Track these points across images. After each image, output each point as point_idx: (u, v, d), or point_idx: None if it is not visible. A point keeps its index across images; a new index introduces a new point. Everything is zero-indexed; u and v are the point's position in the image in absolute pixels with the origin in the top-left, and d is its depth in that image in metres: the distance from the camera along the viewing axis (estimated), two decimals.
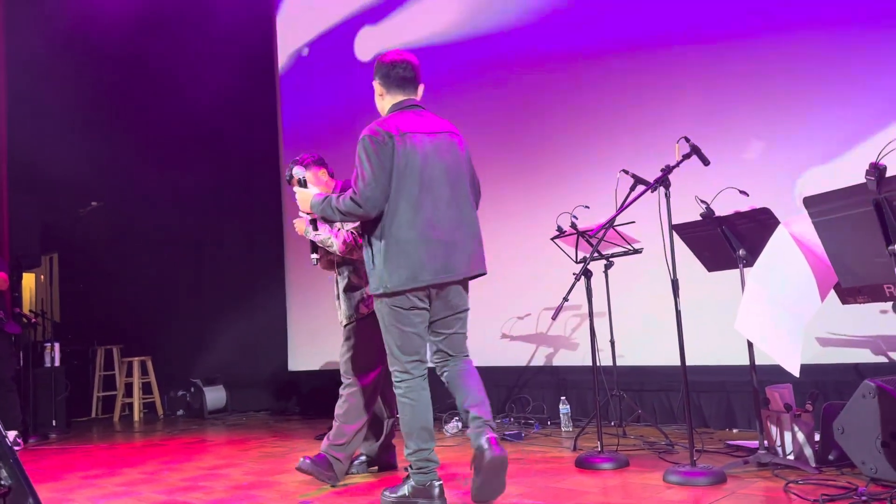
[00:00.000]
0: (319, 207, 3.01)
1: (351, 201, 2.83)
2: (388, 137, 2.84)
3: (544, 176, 5.57)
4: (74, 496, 3.67)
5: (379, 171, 2.81)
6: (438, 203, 2.89)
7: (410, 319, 2.90)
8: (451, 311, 3.00)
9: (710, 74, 4.72)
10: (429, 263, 2.84)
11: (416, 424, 2.91)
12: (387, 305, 2.90)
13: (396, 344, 2.92)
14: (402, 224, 2.83)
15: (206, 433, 6.05)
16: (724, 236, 3.36)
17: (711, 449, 3.82)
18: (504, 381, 5.73)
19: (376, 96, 3.08)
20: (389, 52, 3.09)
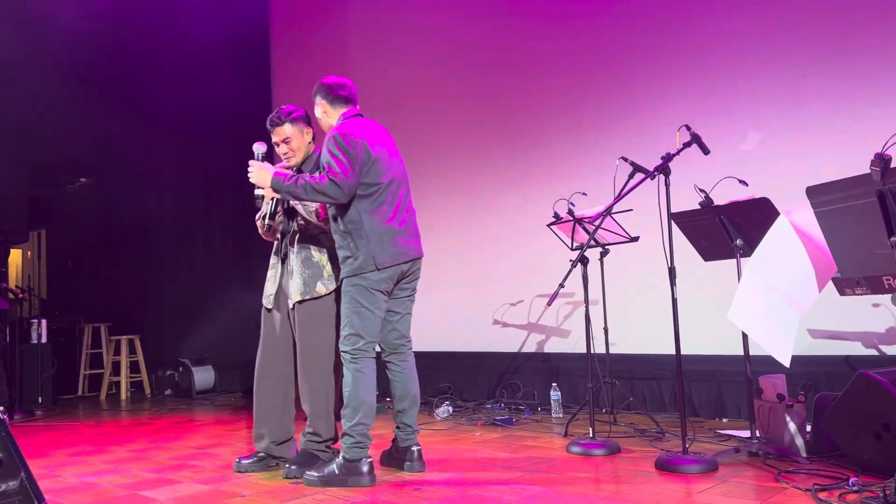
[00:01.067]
0: (285, 184, 3.15)
1: (332, 182, 3.06)
2: (358, 138, 3.17)
3: (541, 162, 5.55)
4: (62, 472, 3.64)
5: (353, 162, 3.12)
6: (398, 195, 3.29)
7: (379, 303, 3.21)
8: (407, 293, 3.38)
9: (709, 62, 4.71)
10: (405, 244, 3.24)
11: (366, 398, 3.14)
12: (362, 287, 3.15)
13: (363, 324, 3.16)
14: (381, 211, 3.19)
15: (195, 413, 6.02)
16: (722, 226, 3.36)
17: (703, 438, 3.83)
18: (495, 368, 5.73)
19: (320, 114, 3.39)
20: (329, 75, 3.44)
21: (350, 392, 3.14)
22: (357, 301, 3.16)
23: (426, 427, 4.64)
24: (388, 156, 3.29)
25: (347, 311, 3.18)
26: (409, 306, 3.42)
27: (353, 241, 3.17)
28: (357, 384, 3.14)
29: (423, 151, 6.15)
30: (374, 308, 3.18)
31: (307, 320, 3.40)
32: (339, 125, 3.26)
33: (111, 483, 3.34)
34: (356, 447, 3.10)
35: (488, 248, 5.85)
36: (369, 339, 3.18)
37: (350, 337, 3.17)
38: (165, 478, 3.42)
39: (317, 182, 3.08)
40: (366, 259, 3.13)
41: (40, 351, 6.70)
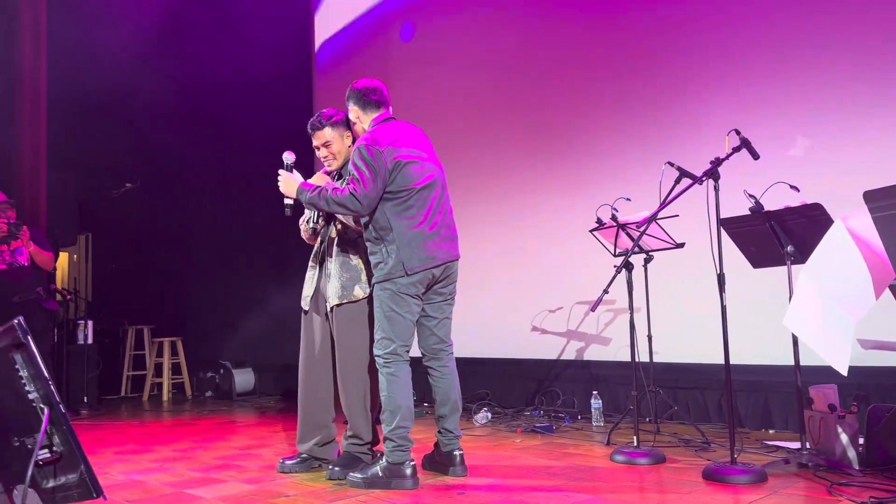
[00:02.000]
0: (308, 195, 3.22)
1: (352, 196, 3.10)
2: (384, 146, 3.16)
3: (583, 167, 5.51)
4: (110, 469, 3.71)
5: (376, 174, 3.12)
6: (431, 198, 3.26)
7: (410, 307, 3.20)
8: (444, 297, 3.35)
9: (758, 65, 4.63)
10: (437, 248, 3.22)
11: (403, 402, 3.14)
12: (392, 292, 3.16)
13: (394, 329, 3.18)
14: (410, 217, 3.18)
15: (236, 414, 6.09)
16: (773, 232, 3.30)
17: (750, 448, 3.76)
18: (534, 374, 5.69)
19: (353, 118, 3.41)
20: (360, 80, 3.43)
21: (386, 396, 3.16)
22: (388, 305, 3.17)
23: (466, 433, 4.62)
24: (421, 159, 3.27)
25: (379, 316, 3.21)
26: (447, 311, 3.40)
27: (384, 247, 3.18)
28: (392, 388, 3.15)
29: (463, 156, 6.15)
30: (405, 312, 3.19)
31: (344, 323, 3.42)
32: (368, 132, 3.27)
33: (158, 481, 3.39)
34: (398, 450, 3.11)
35: (528, 254, 5.82)
36: (401, 343, 3.18)
37: (382, 341, 3.19)
38: (210, 477, 3.45)
39: (338, 195, 3.12)
40: (395, 264, 3.14)
41: (86, 352, 6.83)
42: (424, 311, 3.31)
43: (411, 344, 3.24)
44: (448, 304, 3.39)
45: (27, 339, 1.70)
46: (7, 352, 1.74)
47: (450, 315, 3.41)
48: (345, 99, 3.43)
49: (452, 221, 3.38)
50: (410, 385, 3.21)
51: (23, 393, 1.75)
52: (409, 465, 3.10)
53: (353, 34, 7.45)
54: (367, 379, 3.42)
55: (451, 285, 3.36)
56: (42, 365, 1.73)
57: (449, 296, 3.38)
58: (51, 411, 1.73)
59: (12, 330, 1.72)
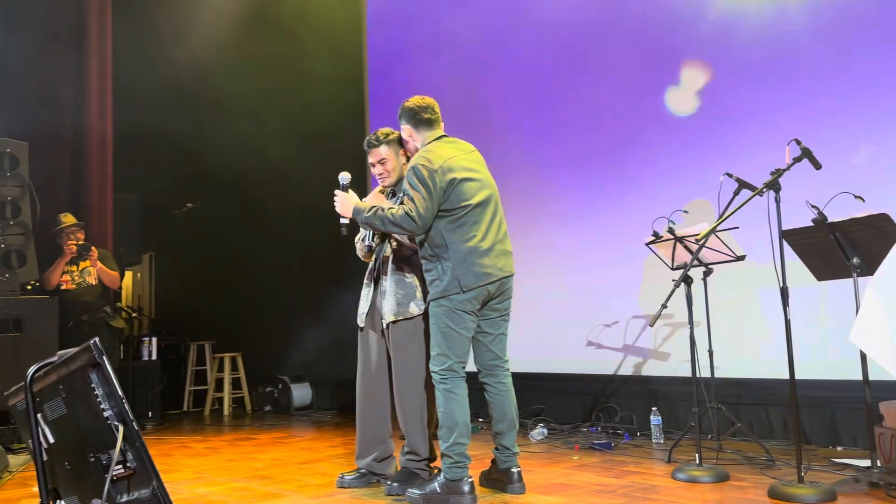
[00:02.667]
0: (365, 215, 3.27)
1: (407, 216, 3.13)
2: (437, 165, 3.19)
3: (639, 179, 5.44)
4: (175, 484, 3.80)
5: (431, 194, 3.14)
6: (485, 215, 3.27)
7: (466, 323, 3.21)
8: (499, 313, 3.35)
9: (818, 72, 4.53)
10: (492, 265, 3.21)
11: (459, 418, 3.15)
12: (447, 308, 3.18)
13: (449, 345, 3.19)
14: (465, 234, 3.19)
15: (294, 429, 6.18)
16: (838, 243, 3.21)
17: (817, 466, 3.65)
18: (590, 390, 5.63)
19: (406, 137, 3.47)
20: (412, 98, 3.46)
21: (443, 413, 3.17)
22: (444, 321, 3.19)
23: (522, 449, 4.59)
24: (474, 177, 3.29)
25: (435, 332, 3.22)
26: (503, 326, 3.40)
27: (439, 264, 3.21)
28: (449, 404, 3.16)
29: (516, 170, 6.15)
30: (461, 328, 3.20)
31: (400, 340, 3.45)
32: (421, 151, 3.30)
33: (222, 495, 3.47)
34: (455, 467, 3.12)
35: (583, 268, 5.77)
36: (457, 360, 3.20)
37: (438, 357, 3.20)
38: (271, 491, 3.51)
39: (393, 215, 3.15)
40: (450, 281, 3.16)
41: (150, 368, 7.02)
42: (480, 328, 3.32)
43: (467, 360, 3.26)
44: (503, 321, 3.39)
45: (102, 359, 1.77)
46: (84, 371, 1.81)
47: (505, 331, 3.42)
48: (397, 117, 3.48)
49: (507, 237, 3.38)
50: (467, 401, 3.22)
51: (98, 410, 1.81)
52: (466, 481, 3.11)
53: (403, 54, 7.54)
54: (423, 395, 3.44)
55: (507, 301, 3.36)
56: (116, 383, 1.80)
57: (504, 312, 3.37)
58: (125, 428, 1.79)
59: (88, 350, 1.79)
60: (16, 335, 5.00)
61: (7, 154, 5.31)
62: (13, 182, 5.31)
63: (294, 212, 8.21)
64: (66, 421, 1.95)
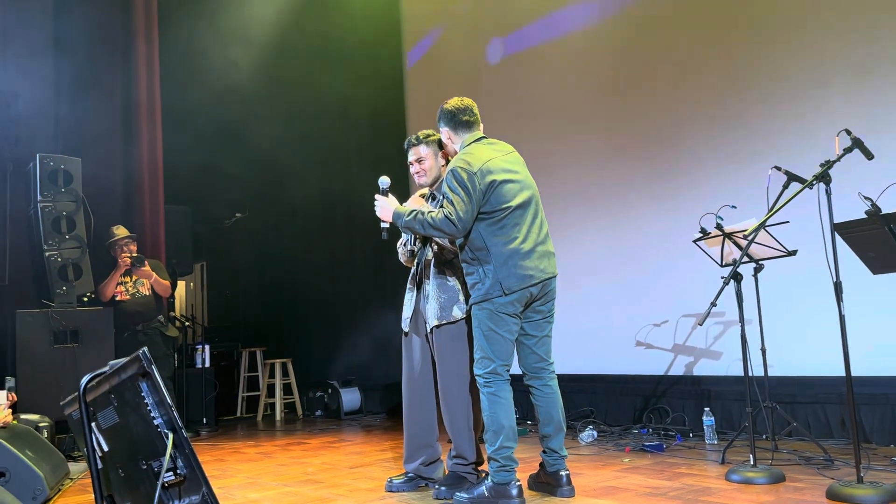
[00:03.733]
0: (405, 219, 3.26)
1: (446, 219, 3.12)
2: (476, 168, 3.17)
3: (686, 174, 5.35)
4: (228, 490, 3.87)
5: (471, 197, 3.13)
6: (526, 216, 3.25)
7: (509, 326, 3.19)
8: (542, 315, 3.32)
9: (868, 61, 4.39)
10: (534, 267, 3.18)
11: (505, 422, 3.13)
12: (489, 311, 3.16)
13: (493, 348, 3.17)
14: (506, 236, 3.17)
15: (344, 433, 6.24)
16: (893, 235, 3.09)
17: (877, 465, 3.53)
18: (640, 391, 5.55)
19: (446, 139, 3.47)
20: (451, 99, 3.44)
21: (488, 416, 3.15)
22: (486, 325, 3.17)
23: (571, 452, 4.55)
24: (514, 178, 3.26)
25: (478, 335, 3.21)
26: (547, 329, 3.36)
27: (480, 267, 3.19)
28: (494, 408, 3.14)
29: (563, 169, 6.12)
30: (504, 331, 3.17)
31: (444, 344, 3.46)
32: (461, 154, 3.29)
33: (273, 500, 3.51)
34: (503, 471, 3.10)
35: (630, 267, 5.70)
36: (501, 363, 3.17)
37: (482, 360, 3.19)
38: (322, 496, 3.55)
39: (433, 219, 3.14)
40: (492, 284, 3.14)
41: (204, 375, 7.17)
42: (524, 330, 3.30)
43: (511, 363, 3.23)
44: (547, 323, 3.35)
45: (151, 369, 1.82)
46: (134, 380, 1.86)
47: (550, 333, 3.38)
48: (435, 120, 3.48)
49: (548, 238, 3.35)
50: (512, 404, 3.20)
51: (149, 419, 1.86)
52: (514, 485, 3.09)
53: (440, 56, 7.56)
54: (468, 399, 3.44)
55: (550, 303, 3.33)
56: (165, 392, 1.84)
57: (548, 314, 3.34)
58: (174, 436, 1.83)
59: (138, 360, 1.84)
60: (74, 346, 5.16)
61: (61, 170, 5.49)
62: (68, 197, 5.49)
63: (338, 218, 8.31)
64: (119, 429, 2.00)
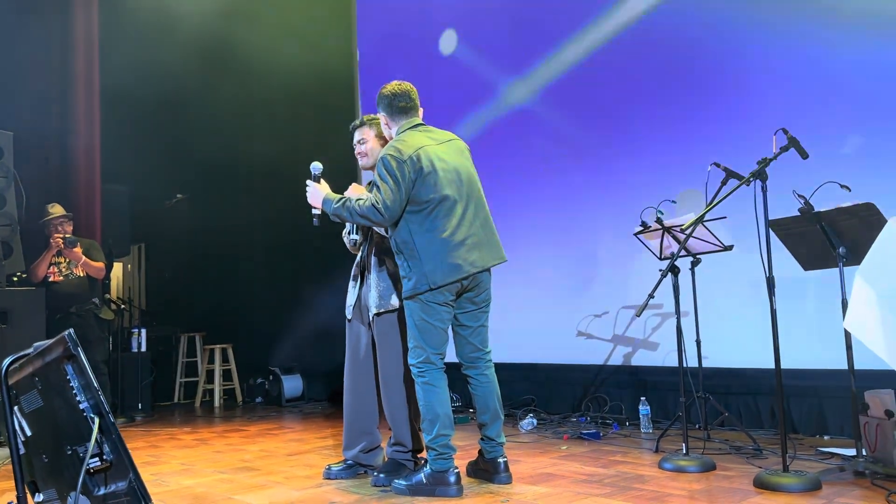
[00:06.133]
0: (333, 206, 3.21)
1: (373, 207, 3.07)
2: (407, 156, 3.11)
3: (626, 168, 5.43)
4: (161, 476, 3.79)
5: (399, 185, 3.08)
6: (456, 208, 3.17)
7: (441, 315, 3.16)
8: (477, 305, 3.29)
9: (804, 62, 4.52)
10: (463, 259, 3.12)
11: (440, 410, 3.13)
12: (420, 302, 3.14)
13: (425, 338, 3.15)
14: (434, 228, 3.12)
15: (284, 420, 6.17)
16: (824, 233, 3.21)
17: (803, 455, 3.66)
18: (580, 380, 5.63)
19: (383, 125, 3.41)
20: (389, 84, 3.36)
21: (424, 405, 3.15)
22: (418, 315, 3.15)
23: (511, 440, 4.60)
24: (446, 167, 3.18)
25: (410, 325, 3.19)
26: (482, 318, 3.33)
27: (406, 261, 3.15)
28: (428, 397, 3.14)
29: (506, 160, 6.14)
30: (435, 320, 3.15)
31: (384, 332, 3.47)
32: (393, 141, 3.24)
33: (208, 487, 3.45)
34: (440, 458, 3.11)
35: (572, 258, 5.77)
36: (434, 351, 3.16)
37: (415, 350, 3.18)
38: (258, 483, 3.50)
39: (360, 206, 3.10)
40: (419, 279, 3.10)
41: (140, 359, 7.00)
42: (458, 321, 3.28)
43: (445, 351, 3.22)
44: (483, 313, 3.32)
45: (77, 351, 1.75)
46: (59, 363, 1.79)
47: (485, 323, 3.35)
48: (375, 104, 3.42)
49: (484, 229, 3.25)
50: (447, 393, 3.19)
51: (74, 403, 1.80)
52: (452, 472, 3.10)
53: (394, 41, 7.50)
54: (407, 385, 3.44)
55: (484, 293, 3.28)
56: (92, 375, 1.78)
57: (483, 304, 3.30)
58: (101, 421, 1.77)
59: (63, 342, 1.77)
60: (1, 328, 4.96)
61: None
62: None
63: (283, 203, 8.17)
64: (43, 413, 1.93)
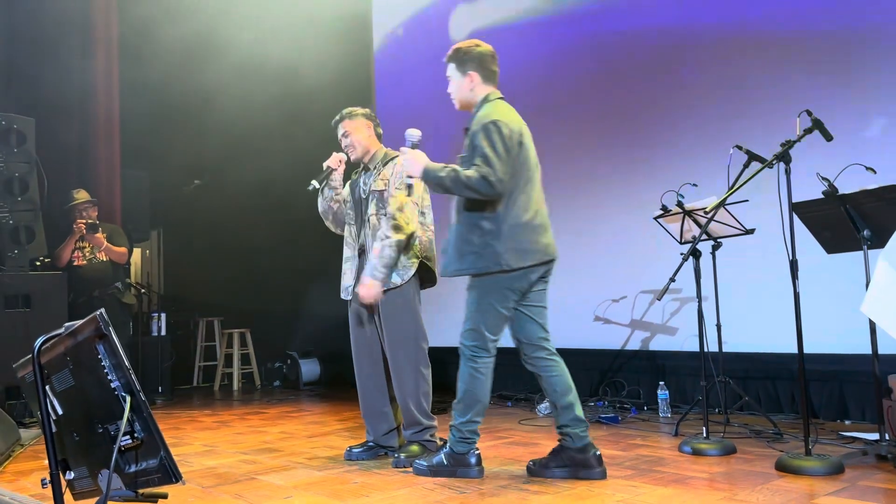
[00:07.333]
0: (439, 175, 2.93)
1: (484, 179, 2.83)
2: (512, 129, 2.94)
3: (648, 152, 5.40)
4: (185, 456, 3.84)
5: (507, 157, 2.89)
6: (538, 189, 3.08)
7: (509, 301, 3.02)
8: (546, 285, 3.15)
9: (828, 44, 4.46)
10: (542, 244, 3.01)
11: (481, 397, 3.04)
12: (492, 284, 2.97)
13: (486, 322, 3.00)
14: (520, 208, 2.96)
15: (303, 403, 6.23)
16: (848, 216, 3.18)
17: (825, 439, 3.64)
18: (597, 365, 5.64)
19: (465, 82, 3.09)
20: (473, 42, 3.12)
21: (465, 389, 3.03)
22: (484, 296, 2.99)
23: (528, 423, 4.62)
24: (532, 147, 3.08)
25: (472, 306, 3.02)
26: (546, 298, 3.16)
27: (483, 237, 2.94)
28: (473, 382, 3.02)
29: None
30: (502, 307, 3.00)
31: (388, 312, 3.49)
32: (492, 108, 3.00)
33: (230, 468, 3.49)
34: (463, 442, 3.08)
35: (591, 243, 5.75)
36: (492, 338, 3.02)
37: (470, 332, 3.03)
38: (280, 464, 3.54)
39: (467, 177, 2.84)
40: (493, 258, 2.92)
41: (160, 343, 7.07)
42: (530, 300, 3.08)
43: (499, 339, 3.07)
44: (546, 292, 3.16)
45: (108, 330, 1.77)
46: (91, 342, 1.81)
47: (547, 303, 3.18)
48: (445, 59, 3.14)
49: None
50: (491, 380, 3.08)
51: (105, 382, 1.82)
52: (473, 453, 3.09)
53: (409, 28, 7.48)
54: (417, 364, 3.47)
55: (550, 275, 3.15)
56: (123, 355, 1.81)
57: (547, 283, 3.15)
58: (132, 399, 1.80)
59: (95, 321, 1.79)
60: (25, 311, 5.03)
61: (14, 130, 5.31)
62: (20, 158, 5.31)
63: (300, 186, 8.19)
64: (74, 392, 1.95)
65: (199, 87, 7.60)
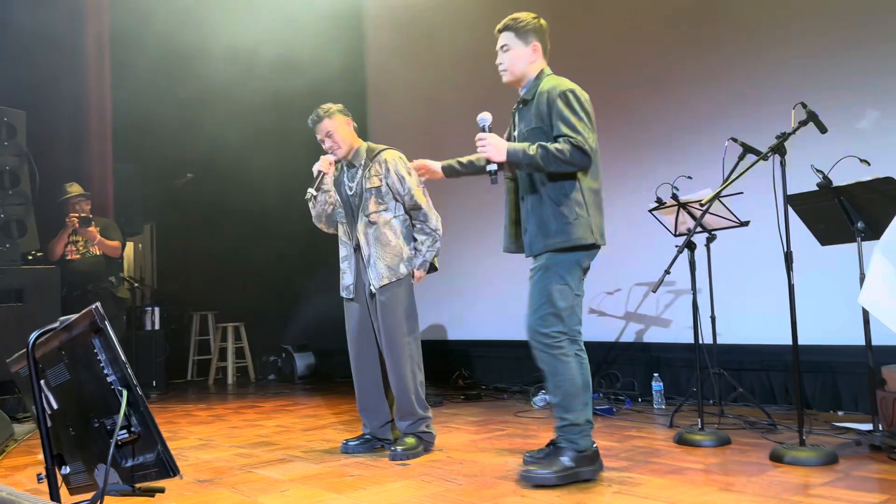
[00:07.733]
0: (529, 154, 2.71)
1: (579, 150, 2.67)
2: (586, 96, 2.83)
3: (641, 144, 5.40)
4: (180, 451, 3.83)
5: (591, 125, 2.78)
6: None
7: (580, 284, 2.84)
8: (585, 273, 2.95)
9: (824, 37, 4.47)
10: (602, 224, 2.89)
11: (580, 378, 2.79)
12: (571, 263, 2.78)
13: (565, 304, 2.76)
14: (592, 179, 2.84)
15: (298, 397, 6.22)
16: (843, 208, 3.19)
17: (819, 430, 3.67)
18: (592, 357, 5.48)
19: (527, 53, 2.92)
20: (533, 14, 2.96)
21: (573, 381, 2.76)
22: (562, 278, 2.76)
23: (524, 415, 4.63)
24: None
25: (548, 288, 2.77)
26: None
27: (574, 209, 2.77)
28: (565, 368, 2.76)
29: None
30: (578, 289, 2.80)
31: (389, 302, 3.49)
32: (563, 80, 2.87)
33: (226, 461, 3.49)
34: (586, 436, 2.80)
35: None
36: (575, 323, 2.80)
37: (548, 318, 2.76)
38: (277, 457, 3.54)
39: (560, 150, 2.67)
40: (585, 230, 2.76)
41: (154, 337, 7.05)
42: None
43: None
44: None
45: (104, 324, 1.77)
46: (86, 337, 1.81)
47: None
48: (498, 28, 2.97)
49: None
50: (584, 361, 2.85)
51: (102, 376, 1.81)
52: (592, 448, 2.83)
53: None
54: (414, 355, 3.49)
55: None
56: (119, 349, 1.80)
57: None
58: (128, 393, 1.79)
59: (90, 315, 1.78)
60: (17, 306, 5.00)
61: (4, 123, 5.27)
62: (11, 151, 5.27)
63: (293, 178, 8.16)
64: (70, 387, 1.95)
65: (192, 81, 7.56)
